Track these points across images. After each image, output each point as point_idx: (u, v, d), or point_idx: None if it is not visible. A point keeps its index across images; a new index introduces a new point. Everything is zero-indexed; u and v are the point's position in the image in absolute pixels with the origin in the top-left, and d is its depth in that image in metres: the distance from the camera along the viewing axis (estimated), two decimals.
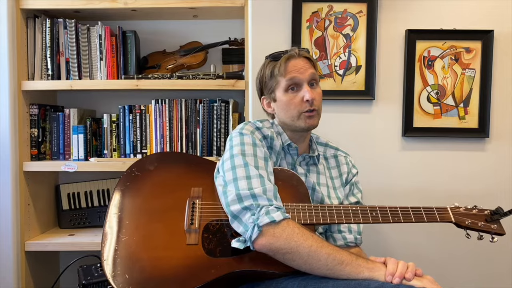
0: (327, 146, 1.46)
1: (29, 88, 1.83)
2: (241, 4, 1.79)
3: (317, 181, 1.35)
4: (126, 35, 1.93)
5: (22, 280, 1.81)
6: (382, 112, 1.83)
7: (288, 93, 1.30)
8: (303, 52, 1.34)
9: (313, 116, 1.31)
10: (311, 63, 1.33)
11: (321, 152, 1.43)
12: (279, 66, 1.30)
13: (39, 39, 1.87)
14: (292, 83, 1.29)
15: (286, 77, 1.29)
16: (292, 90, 1.30)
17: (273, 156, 1.32)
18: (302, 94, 1.29)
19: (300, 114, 1.30)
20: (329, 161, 1.44)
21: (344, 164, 1.44)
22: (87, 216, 2.02)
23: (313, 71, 1.32)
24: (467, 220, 1.19)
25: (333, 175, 1.41)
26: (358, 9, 1.79)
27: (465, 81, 1.81)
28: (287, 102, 1.31)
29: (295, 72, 1.29)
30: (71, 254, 1.83)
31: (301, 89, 1.29)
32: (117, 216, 1.22)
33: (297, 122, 1.31)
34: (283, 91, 1.31)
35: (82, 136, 1.90)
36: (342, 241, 1.33)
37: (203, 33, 2.06)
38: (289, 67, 1.30)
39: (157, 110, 1.91)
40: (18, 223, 1.80)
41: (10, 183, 1.78)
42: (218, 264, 1.11)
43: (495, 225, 1.18)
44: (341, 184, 1.40)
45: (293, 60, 1.31)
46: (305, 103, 1.28)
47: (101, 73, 1.90)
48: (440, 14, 1.79)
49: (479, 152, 1.83)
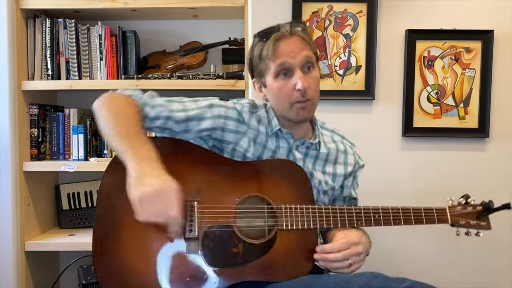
0: (334, 132, 1.32)
1: (29, 88, 1.83)
2: (241, 4, 1.79)
3: (315, 167, 1.22)
4: (126, 35, 1.93)
5: (22, 280, 1.81)
6: (382, 112, 1.83)
7: (278, 79, 1.13)
8: (296, 30, 1.13)
9: (307, 107, 1.14)
10: (305, 43, 1.13)
11: (328, 135, 1.28)
12: (267, 48, 1.12)
13: (39, 39, 1.87)
14: (282, 68, 1.12)
15: (275, 62, 1.11)
16: (283, 75, 1.13)
17: (265, 138, 1.18)
18: (293, 81, 1.11)
19: (292, 105, 1.13)
20: (338, 145, 1.28)
21: (351, 154, 1.29)
22: (87, 216, 2.02)
23: (307, 54, 1.12)
24: (462, 220, 1.20)
25: (339, 160, 1.26)
26: (358, 9, 1.79)
27: (465, 81, 1.81)
28: (277, 90, 1.14)
29: (285, 56, 1.11)
30: (71, 254, 1.83)
31: (293, 76, 1.12)
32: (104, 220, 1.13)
33: (289, 113, 1.15)
34: (273, 77, 1.14)
35: (82, 136, 1.90)
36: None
37: (203, 33, 2.06)
38: (278, 50, 1.11)
39: None
40: (18, 223, 1.80)
41: (10, 183, 1.78)
42: (225, 274, 1.03)
43: (484, 222, 1.22)
44: (343, 173, 1.26)
45: (284, 41, 1.11)
46: (297, 92, 1.11)
47: (101, 73, 1.90)
48: (440, 14, 1.79)
49: (479, 152, 1.83)
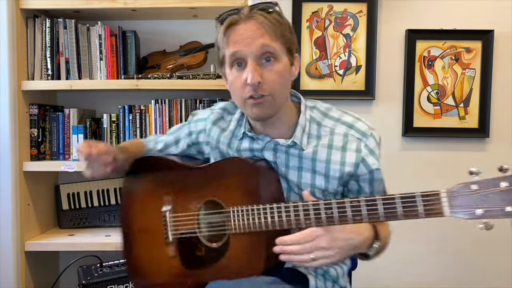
0: (338, 121, 1.09)
1: (29, 88, 1.83)
2: (241, 4, 1.79)
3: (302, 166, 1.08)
4: (126, 35, 1.93)
5: (22, 280, 1.81)
6: (382, 112, 1.83)
7: (232, 70, 1.01)
8: (256, 12, 0.97)
9: (261, 104, 0.99)
10: (265, 29, 0.96)
11: (328, 127, 1.09)
12: (221, 33, 1.00)
13: (39, 39, 1.87)
14: (235, 58, 0.99)
15: (228, 49, 0.99)
16: (238, 66, 1.00)
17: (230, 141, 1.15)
18: (246, 74, 0.97)
19: (245, 101, 1.01)
20: (334, 139, 1.06)
21: (351, 151, 1.04)
22: (87, 216, 2.02)
23: (265, 42, 0.96)
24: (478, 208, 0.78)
25: (333, 157, 1.05)
26: (358, 9, 1.79)
27: (465, 81, 1.81)
28: (231, 83, 1.03)
29: (238, 44, 0.97)
30: (71, 254, 1.83)
31: (246, 67, 0.98)
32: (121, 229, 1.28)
33: (244, 109, 1.05)
34: (228, 67, 1.02)
35: (82, 136, 1.90)
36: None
37: (203, 33, 2.06)
38: (231, 36, 0.98)
39: (157, 110, 1.91)
40: (18, 223, 1.80)
41: (10, 183, 1.78)
42: (195, 275, 1.11)
43: None
44: (338, 176, 1.05)
45: (238, 27, 0.97)
46: (248, 87, 0.98)
47: (101, 73, 1.90)
48: (440, 14, 1.79)
49: (479, 152, 1.83)
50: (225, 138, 1.16)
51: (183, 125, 1.30)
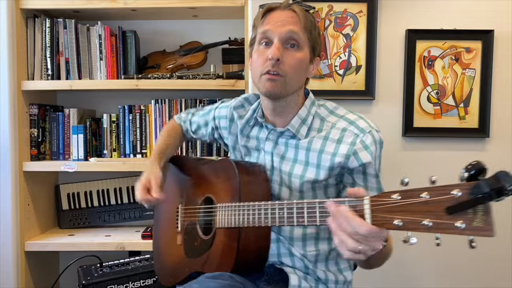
0: (342, 118, 1.13)
1: (29, 88, 1.83)
2: (241, 4, 1.79)
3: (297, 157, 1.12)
4: (126, 35, 1.93)
5: (22, 280, 1.81)
6: (382, 112, 1.83)
7: (260, 47, 1.10)
8: (294, 6, 1.10)
9: (273, 80, 1.06)
10: (297, 19, 1.07)
11: (331, 122, 1.13)
12: (259, 15, 1.13)
13: (39, 39, 1.87)
14: (264, 36, 1.09)
15: (261, 28, 1.10)
16: (265, 45, 1.09)
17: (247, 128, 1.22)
18: (269, 51, 1.06)
19: (261, 75, 1.08)
20: (332, 132, 1.10)
21: (345, 144, 1.06)
22: (87, 216, 2.02)
23: (294, 29, 1.06)
24: (397, 219, 0.73)
25: (327, 149, 1.08)
26: (358, 9, 1.79)
27: (465, 81, 1.81)
28: (255, 59, 1.11)
29: (270, 24, 1.08)
30: (71, 254, 1.83)
31: (272, 46, 1.07)
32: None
33: (258, 84, 1.11)
34: (257, 44, 1.12)
35: (82, 136, 1.90)
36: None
37: (203, 33, 2.06)
38: (267, 19, 1.10)
39: (157, 110, 1.91)
40: (18, 223, 1.80)
41: (10, 183, 1.78)
42: (190, 264, 1.18)
43: (466, 220, 0.67)
44: (328, 165, 1.07)
45: (275, 12, 1.10)
46: (268, 61, 1.06)
47: (101, 73, 1.90)
48: (440, 14, 1.79)
49: (479, 152, 1.83)
50: (240, 124, 1.24)
51: (211, 109, 1.37)
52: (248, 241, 1.04)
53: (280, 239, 1.14)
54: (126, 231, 1.95)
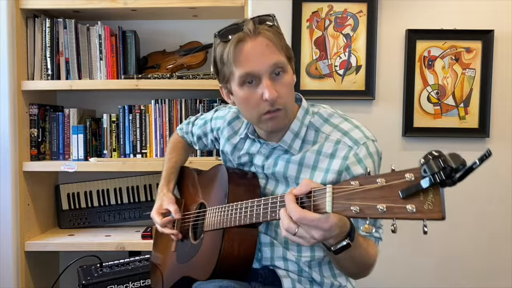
0: (336, 128, 1.06)
1: (28, 88, 1.83)
2: (241, 4, 1.79)
3: (286, 173, 1.08)
4: (126, 35, 1.92)
5: (22, 280, 1.81)
6: (382, 112, 1.83)
7: (243, 88, 1.00)
8: (261, 28, 0.98)
9: (277, 117, 1.01)
10: (273, 44, 0.98)
11: (325, 133, 1.07)
12: (228, 52, 0.98)
13: (38, 39, 1.87)
14: (248, 77, 0.98)
15: (238, 69, 0.98)
16: (249, 83, 0.99)
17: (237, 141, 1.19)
18: (260, 91, 0.98)
19: (260, 116, 1.01)
20: (324, 146, 1.05)
21: (339, 158, 1.01)
22: (87, 216, 2.02)
23: (276, 58, 0.97)
24: (354, 205, 0.72)
25: (320, 165, 1.04)
26: (358, 9, 1.79)
27: (465, 81, 1.81)
28: (244, 100, 1.02)
29: (250, 63, 0.97)
30: (71, 254, 1.83)
31: (260, 84, 0.98)
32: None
33: (258, 125, 1.06)
34: (238, 86, 1.01)
35: (82, 136, 1.90)
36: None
37: (203, 33, 2.06)
38: (242, 55, 0.97)
39: (157, 110, 1.91)
40: (18, 223, 1.80)
41: (10, 183, 1.78)
42: (180, 269, 1.19)
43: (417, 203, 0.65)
44: (320, 182, 1.00)
45: (247, 44, 0.97)
46: (264, 102, 0.99)
47: (101, 73, 1.90)
48: (440, 14, 1.79)
49: (479, 152, 1.81)
50: (234, 140, 1.21)
51: (206, 120, 1.34)
52: (231, 243, 1.02)
53: (274, 243, 1.11)
54: (126, 231, 1.95)
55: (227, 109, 1.28)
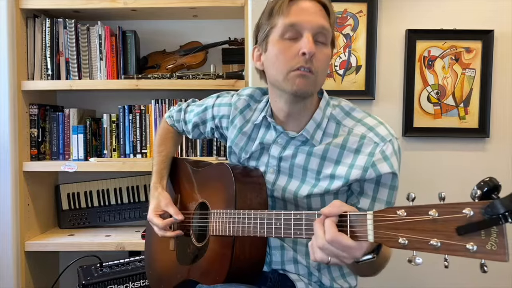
0: (360, 122, 1.03)
1: (28, 88, 1.83)
2: (241, 4, 1.79)
3: (307, 166, 1.04)
4: (126, 35, 1.93)
5: (22, 280, 1.81)
6: (382, 112, 1.83)
7: (282, 40, 0.97)
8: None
9: (306, 77, 0.96)
10: (326, 14, 0.98)
11: (347, 126, 1.04)
12: (281, 3, 0.97)
13: (38, 39, 1.87)
14: (290, 29, 0.96)
15: (285, 19, 0.96)
16: (290, 39, 0.97)
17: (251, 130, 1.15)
18: (299, 45, 0.95)
19: (289, 71, 0.96)
20: (349, 140, 1.01)
21: (365, 155, 0.98)
22: (87, 216, 2.02)
23: (324, 23, 0.96)
24: (402, 237, 0.68)
25: (344, 159, 1.01)
26: (358, 9, 1.79)
27: (465, 81, 1.81)
28: (278, 53, 0.97)
29: (299, 16, 0.95)
30: (71, 254, 1.83)
31: (301, 40, 0.95)
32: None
33: (284, 82, 0.98)
34: (277, 37, 0.98)
35: (82, 136, 1.90)
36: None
37: (203, 33, 2.06)
38: (294, 7, 0.96)
39: (157, 110, 1.91)
40: (18, 223, 1.80)
41: (10, 183, 1.78)
42: (183, 270, 1.16)
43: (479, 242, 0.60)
44: (343, 176, 1.00)
45: (302, 2, 0.97)
46: (300, 57, 0.94)
47: (101, 73, 1.90)
48: (440, 14, 1.79)
49: (479, 152, 1.83)
50: (247, 128, 1.15)
51: (206, 107, 1.26)
52: (243, 250, 0.99)
53: (284, 247, 1.10)
54: (126, 231, 1.95)
55: (234, 96, 1.21)
